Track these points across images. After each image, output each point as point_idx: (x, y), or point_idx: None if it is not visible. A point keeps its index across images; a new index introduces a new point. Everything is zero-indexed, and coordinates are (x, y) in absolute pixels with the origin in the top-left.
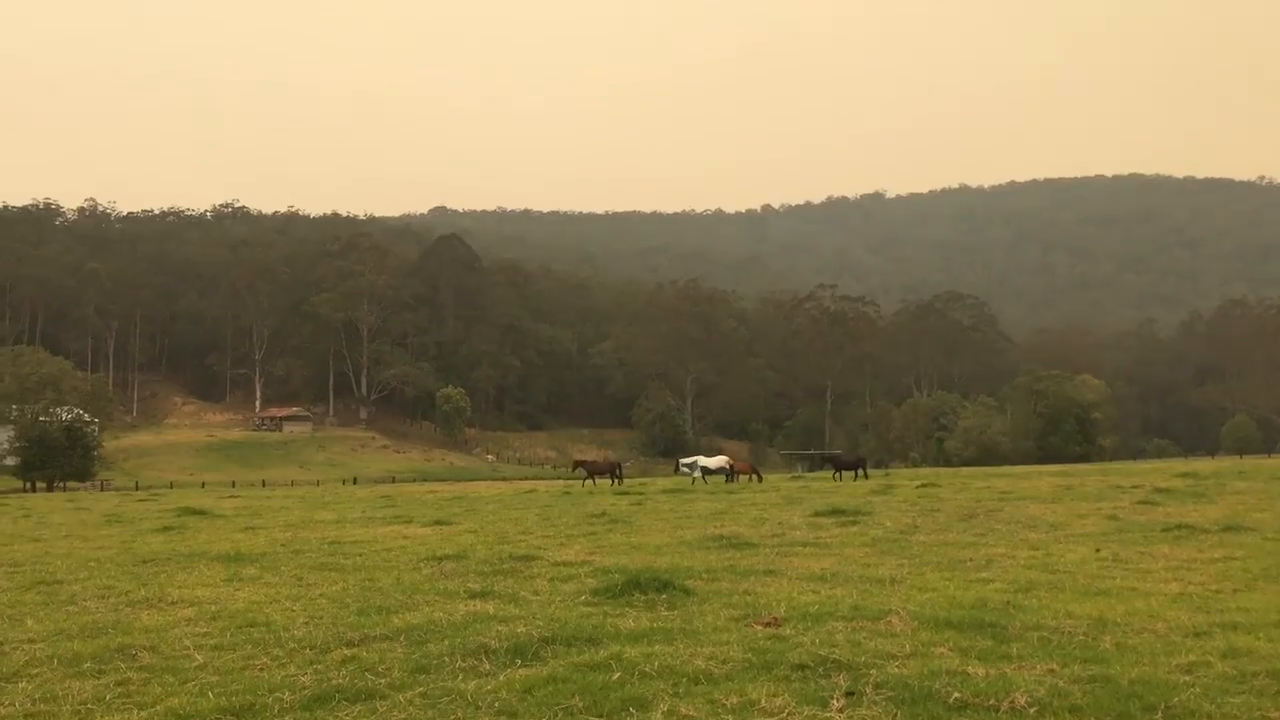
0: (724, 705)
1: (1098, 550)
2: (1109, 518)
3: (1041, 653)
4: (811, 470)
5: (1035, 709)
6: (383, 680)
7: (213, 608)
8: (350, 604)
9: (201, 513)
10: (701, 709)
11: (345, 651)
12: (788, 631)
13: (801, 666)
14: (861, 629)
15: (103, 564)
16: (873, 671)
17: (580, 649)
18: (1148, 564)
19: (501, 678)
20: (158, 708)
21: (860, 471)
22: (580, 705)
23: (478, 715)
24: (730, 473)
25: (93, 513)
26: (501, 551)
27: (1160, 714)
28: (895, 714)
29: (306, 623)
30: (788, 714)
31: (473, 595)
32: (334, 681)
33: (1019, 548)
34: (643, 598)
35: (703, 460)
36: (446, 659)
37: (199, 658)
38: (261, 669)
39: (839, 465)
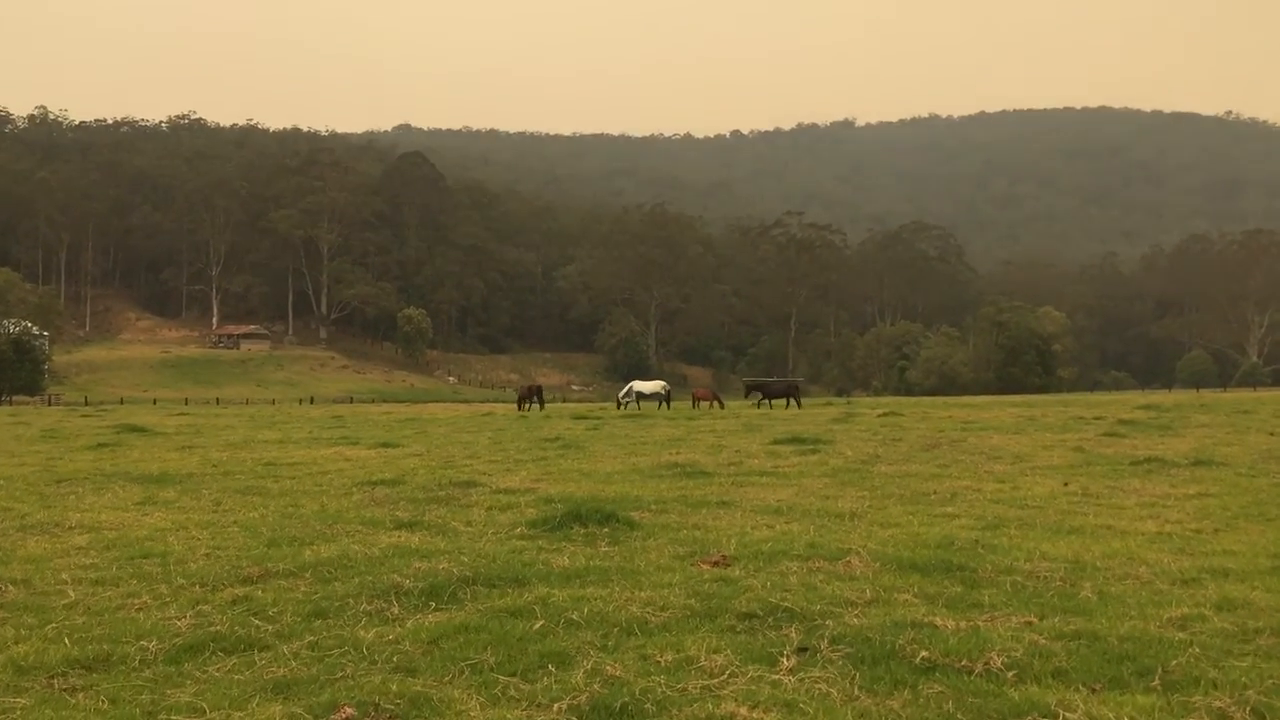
0: (657, 663)
1: (1066, 484)
2: (1075, 450)
3: (1016, 601)
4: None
5: (1014, 673)
6: (271, 627)
7: (111, 534)
8: (263, 533)
9: (142, 430)
10: (631, 666)
11: (238, 590)
12: (737, 573)
13: (749, 615)
14: (818, 570)
15: (14, 483)
16: (829, 622)
17: (504, 590)
18: (1119, 500)
19: (409, 624)
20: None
21: (792, 400)
22: (492, 661)
23: (370, 671)
24: (665, 398)
25: (32, 428)
26: (443, 477)
27: (1158, 679)
28: (854, 676)
29: (207, 555)
30: (729, 675)
31: (399, 525)
32: (214, 627)
33: (984, 480)
34: (582, 531)
35: (637, 385)
36: (351, 600)
37: (72, 594)
38: (139, 609)
39: (768, 393)
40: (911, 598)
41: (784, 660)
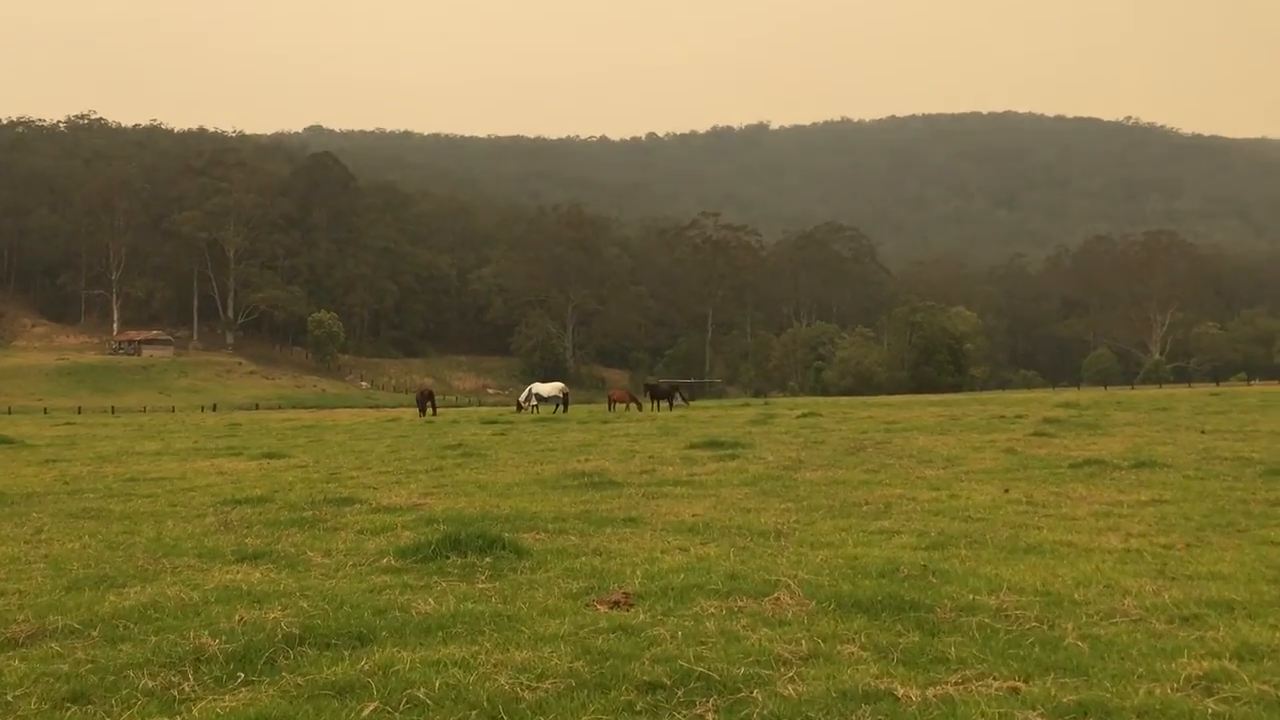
0: None
1: (1007, 490)
2: (1006, 451)
3: (989, 654)
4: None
5: None
6: None
7: None
8: (71, 570)
9: (9, 442)
10: None
11: None
12: (640, 617)
13: (653, 686)
14: (740, 612)
15: None
16: (756, 693)
17: (339, 653)
18: (1069, 508)
19: (195, 712)
20: None
21: (672, 400)
22: None
23: None
24: (563, 401)
25: None
26: (320, 493)
27: None
28: None
29: None
30: None
31: (242, 558)
32: None
33: (918, 487)
34: (460, 561)
35: (537, 387)
36: (132, 674)
37: None
38: None
39: (655, 394)
40: (858, 650)
41: None
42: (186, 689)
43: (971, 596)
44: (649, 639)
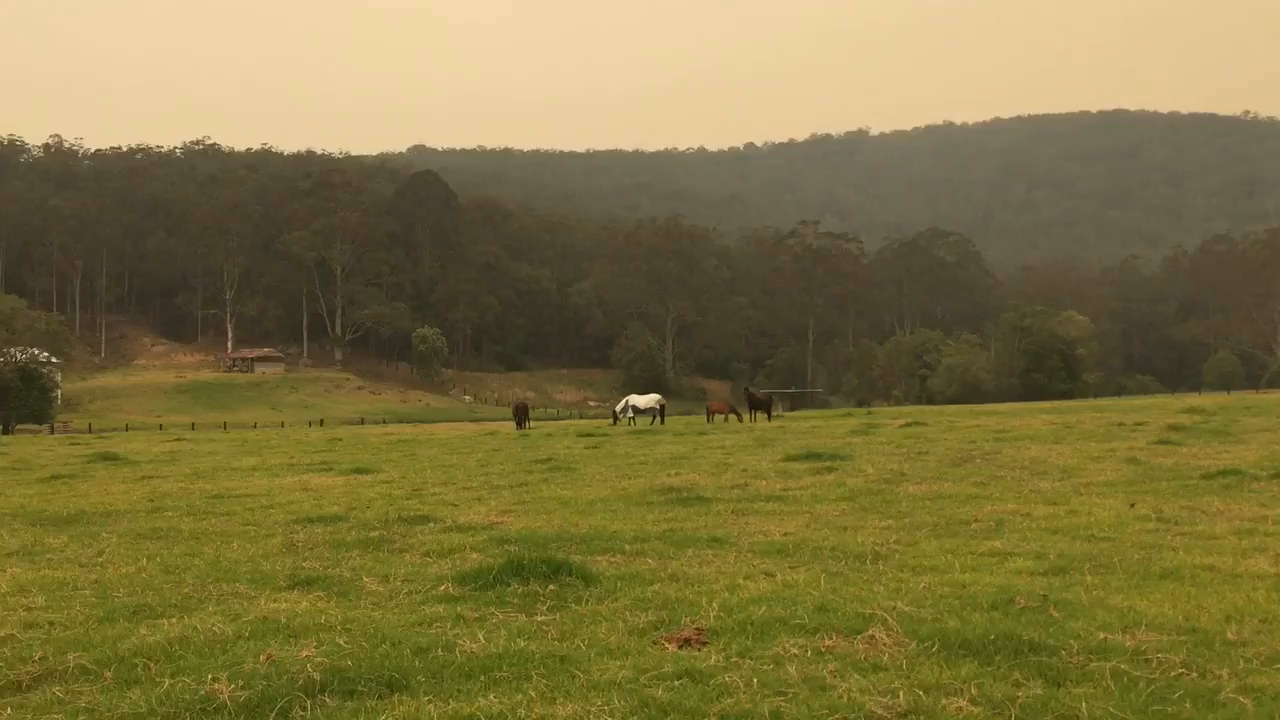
0: None
1: (1133, 505)
2: (1128, 461)
3: (1130, 711)
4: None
5: None
6: None
7: None
8: (116, 598)
9: (115, 459)
10: None
11: None
12: (713, 659)
13: None
14: (828, 653)
15: None
16: None
17: (360, 704)
18: (1206, 525)
19: None
20: None
21: (769, 410)
22: None
23: None
24: (660, 413)
25: (3, 459)
26: (397, 510)
27: None
28: None
29: (6, 639)
30: None
31: (294, 584)
32: None
33: (1032, 502)
34: (522, 589)
35: (634, 399)
36: None
37: None
38: None
39: (754, 404)
40: (967, 705)
41: None
42: None
43: (1102, 635)
44: (719, 688)
